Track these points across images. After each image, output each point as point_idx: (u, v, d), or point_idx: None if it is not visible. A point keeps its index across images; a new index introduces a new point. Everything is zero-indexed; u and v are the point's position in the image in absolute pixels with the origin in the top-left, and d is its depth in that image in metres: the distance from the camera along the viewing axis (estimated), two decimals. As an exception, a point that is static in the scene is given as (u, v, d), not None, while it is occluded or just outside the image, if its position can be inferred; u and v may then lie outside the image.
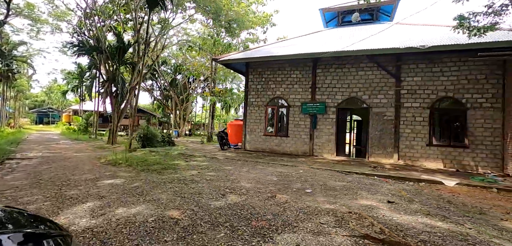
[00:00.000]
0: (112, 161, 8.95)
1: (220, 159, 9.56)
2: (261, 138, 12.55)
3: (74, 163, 8.84)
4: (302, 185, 5.86)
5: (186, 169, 7.52)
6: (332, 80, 11.36)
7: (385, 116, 10.50)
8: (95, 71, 23.06)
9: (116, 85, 16.83)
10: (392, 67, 10.44)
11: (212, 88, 25.16)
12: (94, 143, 17.83)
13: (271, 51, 12.11)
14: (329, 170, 8.06)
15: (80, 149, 13.71)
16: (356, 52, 10.13)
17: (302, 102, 11.76)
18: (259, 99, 12.68)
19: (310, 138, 11.59)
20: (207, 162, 8.83)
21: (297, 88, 11.94)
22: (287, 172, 7.34)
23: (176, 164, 8.28)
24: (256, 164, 8.75)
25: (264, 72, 12.60)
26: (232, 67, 13.54)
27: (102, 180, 6.19)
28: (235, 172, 7.07)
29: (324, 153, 11.35)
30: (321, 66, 11.55)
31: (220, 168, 7.66)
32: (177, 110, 36.93)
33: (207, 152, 11.69)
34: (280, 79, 12.28)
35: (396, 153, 10.25)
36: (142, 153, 10.68)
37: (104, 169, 7.74)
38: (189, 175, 6.63)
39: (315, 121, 11.49)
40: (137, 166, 7.95)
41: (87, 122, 26.33)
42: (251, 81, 12.88)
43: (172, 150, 12.24)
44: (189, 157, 9.78)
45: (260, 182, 5.97)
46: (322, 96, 11.49)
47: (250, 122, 12.81)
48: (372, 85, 10.72)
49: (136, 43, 16.74)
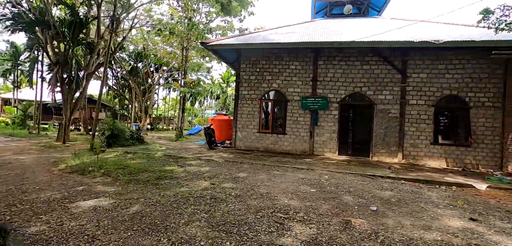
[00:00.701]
0: (77, 167, 6.78)
1: (219, 161, 7.99)
2: (255, 136, 11.19)
3: (19, 172, 6.47)
4: (354, 199, 4.74)
5: (189, 178, 5.84)
6: (334, 73, 10.51)
7: (390, 113, 10.02)
8: (37, 52, 18.89)
9: (69, 70, 13.74)
10: (398, 62, 9.97)
11: (183, 78, 22.76)
12: (38, 140, 14.46)
13: (268, 38, 10.76)
14: (350, 173, 7.12)
15: (22, 150, 10.73)
16: (365, 43, 9.38)
17: (302, 97, 10.71)
18: (252, 92, 11.26)
19: (310, 135, 10.62)
20: (207, 166, 7.19)
21: (297, 81, 10.84)
22: (313, 179, 6.18)
23: (169, 171, 6.51)
24: (265, 168, 7.41)
25: (258, 62, 11.21)
26: (221, 55, 11.85)
27: (76, 201, 4.27)
28: (256, 182, 5.65)
29: (326, 151, 10.49)
30: (323, 58, 10.61)
31: (232, 176, 6.15)
32: (138, 102, 33.23)
33: (195, 152, 9.92)
34: (277, 70, 11.03)
35: (400, 152, 9.85)
36: (115, 155, 8.50)
37: (70, 180, 5.66)
38: (202, 188, 5.02)
39: (316, 118, 10.55)
40: (117, 175, 5.99)
41: (25, 114, 21.72)
42: (243, 71, 11.38)
43: (149, 150, 10.16)
44: (179, 160, 7.99)
45: (302, 197, 4.69)
46: (324, 91, 10.58)
47: (242, 118, 11.34)
48: (377, 81, 10.14)
49: (96, 19, 13.81)
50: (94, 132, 10.98)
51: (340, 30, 11.46)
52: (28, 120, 22.15)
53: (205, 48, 10.73)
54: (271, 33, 11.58)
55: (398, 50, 9.88)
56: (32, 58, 20.56)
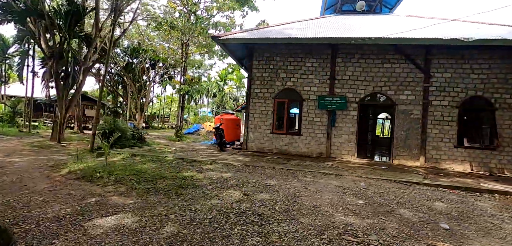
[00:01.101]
0: (82, 173, 6.02)
1: (237, 165, 7.32)
2: (268, 137, 10.56)
3: (15, 178, 5.68)
4: (412, 213, 4.17)
5: (215, 186, 5.17)
6: (354, 71, 9.97)
7: (412, 114, 9.56)
8: (27, 45, 17.71)
9: (65, 64, 12.77)
10: (421, 60, 9.51)
11: (183, 75, 21.86)
12: (31, 139, 13.46)
13: (283, 32, 10.12)
14: (382, 179, 6.58)
15: (14, 150, 9.80)
16: (389, 40, 8.86)
17: (319, 96, 10.14)
18: (265, 90, 10.61)
19: (327, 137, 10.07)
20: (227, 172, 6.52)
21: (313, 79, 10.25)
22: (350, 187, 5.59)
23: (189, 177, 5.81)
24: (290, 173, 6.79)
25: (272, 58, 10.57)
26: (230, 50, 11.13)
27: (92, 217, 3.57)
28: (293, 191, 5.02)
29: (343, 154, 9.96)
30: (341, 55, 10.05)
31: (262, 184, 5.51)
32: (133, 99, 32.06)
33: (206, 154, 9.21)
34: (292, 68, 10.42)
35: (422, 155, 9.40)
36: (121, 158, 7.73)
37: (77, 189, 4.91)
38: (236, 200, 4.37)
39: (334, 118, 10.00)
40: (132, 183, 5.27)
41: (14, 111, 20.45)
42: (255, 68, 10.71)
43: (156, 151, 9.40)
44: (194, 164, 7.28)
45: (355, 211, 4.09)
46: (342, 90, 10.04)
47: (254, 118, 10.68)
48: (398, 80, 9.66)
49: (94, 10, 12.86)
50: (94, 132, 10.12)
51: (356, 26, 10.94)
52: (17, 117, 20.89)
53: (215, 42, 10.02)
54: (285, 28, 10.94)
55: (421, 48, 9.42)
56: (22, 52, 19.29)
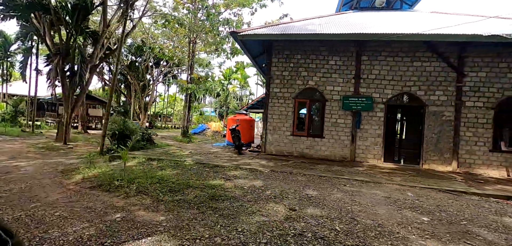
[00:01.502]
0: (98, 180, 5.43)
1: (264, 172, 6.72)
2: (288, 139, 9.96)
3: (24, 186, 5.11)
4: (496, 236, 3.58)
5: (251, 198, 4.57)
6: (380, 70, 9.38)
7: (444, 116, 8.96)
8: (30, 42, 17.10)
9: (72, 62, 12.17)
10: (454, 59, 8.92)
11: (190, 74, 21.25)
12: (35, 140, 12.87)
13: (306, 28, 9.52)
14: (426, 188, 5.99)
15: (19, 153, 9.22)
16: (421, 36, 8.26)
17: (343, 96, 9.54)
18: (285, 90, 10.02)
19: (352, 140, 9.48)
20: (257, 179, 5.92)
21: (337, 78, 9.66)
22: (400, 198, 4.99)
23: (218, 186, 5.21)
24: (324, 180, 6.19)
25: (292, 56, 9.97)
26: (247, 48, 10.51)
27: (122, 241, 2.98)
28: (342, 204, 4.42)
29: (369, 158, 9.37)
30: (367, 53, 9.46)
31: (301, 194, 4.91)
32: (137, 98, 31.45)
33: (224, 157, 8.61)
34: (314, 66, 9.82)
35: (455, 160, 8.82)
36: (137, 162, 7.13)
37: (97, 201, 4.33)
38: (283, 217, 3.77)
39: (359, 120, 9.41)
40: (157, 193, 4.68)
41: (16, 110, 19.84)
42: (275, 66, 10.11)
43: (170, 154, 8.80)
44: (218, 170, 6.67)
45: (429, 232, 3.49)
46: (368, 89, 9.44)
47: (273, 119, 10.09)
48: (429, 79, 9.06)
49: (102, 5, 12.25)
50: (104, 133, 9.52)
51: (380, 23, 10.34)
52: (19, 116, 20.28)
53: (233, 38, 9.42)
54: (307, 23, 10.34)
55: (454, 46, 8.83)
56: (26, 49, 18.68)
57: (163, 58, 24.99)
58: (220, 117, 45.91)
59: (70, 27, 11.84)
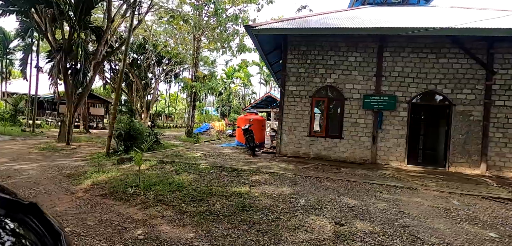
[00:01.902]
0: (109, 186, 4.91)
1: (288, 176, 6.19)
2: (304, 140, 9.44)
3: (28, 194, 4.56)
4: None
5: (287, 209, 4.05)
6: (404, 67, 8.86)
7: (471, 116, 8.45)
8: (31, 39, 16.51)
9: (75, 59, 11.61)
10: (482, 55, 8.40)
11: (194, 72, 20.70)
12: (36, 140, 12.33)
13: (324, 22, 8.99)
14: (468, 195, 5.47)
15: (21, 154, 8.69)
16: (450, 30, 7.75)
17: (364, 95, 9.02)
18: (301, 88, 9.49)
19: (373, 141, 8.96)
20: (283, 185, 5.39)
21: (357, 76, 9.14)
22: (446, 207, 4.47)
23: (243, 194, 4.69)
24: (355, 186, 5.67)
25: (310, 52, 9.43)
26: (260, 43, 9.94)
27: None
28: (391, 216, 3.90)
29: (391, 160, 8.86)
30: (389, 49, 8.93)
31: (339, 203, 4.39)
32: (139, 97, 30.86)
33: (239, 159, 8.08)
34: (333, 63, 9.29)
35: (484, 162, 8.31)
36: (149, 165, 6.60)
37: (111, 213, 3.81)
38: (333, 234, 3.25)
39: (381, 120, 8.90)
40: (178, 203, 4.16)
41: (16, 109, 19.25)
42: (290, 63, 9.58)
43: (182, 156, 8.27)
44: (238, 174, 6.14)
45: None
46: (390, 88, 8.92)
47: (288, 119, 9.56)
48: (456, 77, 8.55)
49: (106, 0, 11.69)
50: (110, 133, 8.99)
51: (401, 18, 9.82)
52: (19, 115, 19.70)
53: (248, 33, 8.88)
54: (325, 17, 9.81)
55: (482, 42, 8.31)
56: (26, 46, 18.09)
57: (166, 55, 24.36)
58: (222, 116, 45.41)
59: (73, 22, 11.28)
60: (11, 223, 0.50)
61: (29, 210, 0.55)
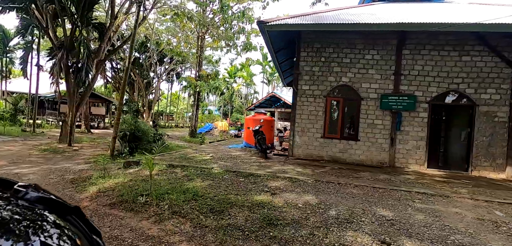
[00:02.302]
0: (118, 194, 4.46)
1: (307, 181, 5.75)
2: (318, 142, 9.00)
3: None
4: None
5: (319, 223, 3.61)
6: (424, 65, 8.41)
7: (496, 117, 8.01)
8: (31, 36, 16.07)
9: (77, 56, 11.17)
10: (508, 52, 7.96)
11: (198, 71, 20.26)
12: (37, 141, 11.89)
13: (340, 18, 8.53)
14: (506, 203, 5.03)
15: (21, 156, 8.26)
16: (478, 26, 7.29)
17: (381, 94, 8.58)
18: (315, 87, 9.05)
19: (391, 143, 8.52)
20: (305, 193, 4.95)
21: (374, 75, 8.69)
22: (495, 219, 4.03)
23: (266, 204, 4.25)
24: (380, 193, 5.23)
25: (324, 49, 8.99)
26: (271, 40, 9.46)
27: None
28: (435, 232, 3.46)
29: (410, 163, 8.42)
30: (409, 46, 8.48)
31: (373, 214, 3.95)
32: (141, 96, 30.43)
33: (250, 162, 7.64)
34: (349, 61, 8.85)
35: (509, 166, 7.87)
36: (157, 170, 6.15)
37: (121, 225, 3.38)
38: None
39: (400, 121, 8.46)
40: (196, 215, 3.73)
41: (16, 108, 18.82)
42: (303, 61, 9.14)
43: (191, 159, 7.83)
44: (254, 180, 5.70)
45: None
46: (410, 87, 8.48)
47: (301, 119, 9.12)
48: (480, 76, 8.10)
49: (110, -5, 11.25)
50: (115, 135, 8.56)
51: (420, 14, 9.35)
52: (19, 115, 19.26)
53: (260, 29, 8.43)
54: (340, 13, 9.34)
55: (507, 39, 7.87)
56: (26, 43, 17.65)
57: (169, 53, 23.89)
58: (224, 116, 44.94)
59: (75, 18, 10.84)
60: (63, 222, 0.58)
61: (73, 212, 0.63)
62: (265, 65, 42.83)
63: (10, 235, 0.47)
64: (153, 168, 4.70)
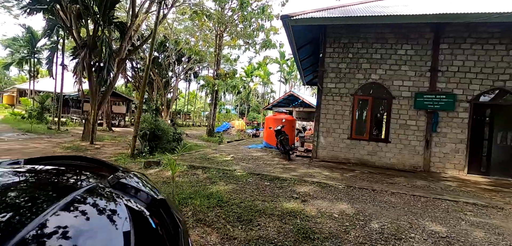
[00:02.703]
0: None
1: (338, 187, 5.27)
2: (344, 143, 8.46)
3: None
4: None
5: (363, 237, 3.16)
6: (465, 61, 7.65)
7: (551, 118, 7.13)
8: (57, 36, 16.55)
9: (99, 55, 11.26)
10: None
11: (216, 70, 20.11)
12: (61, 139, 12.13)
13: (371, 10, 7.93)
14: None
15: (45, 154, 8.28)
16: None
17: (416, 93, 7.90)
18: (342, 85, 8.51)
19: (426, 145, 7.83)
20: (340, 201, 4.50)
21: (407, 71, 8.03)
22: None
23: (298, 213, 3.85)
24: (423, 202, 4.67)
25: (351, 45, 8.43)
26: (295, 36, 9.01)
27: None
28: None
29: (448, 168, 7.70)
30: (447, 40, 7.75)
31: (423, 229, 3.44)
32: (159, 95, 30.85)
33: (273, 163, 7.26)
34: (379, 56, 8.23)
35: None
36: (178, 172, 5.90)
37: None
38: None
39: (436, 121, 7.75)
40: (221, 222, 3.39)
41: (43, 107, 19.52)
42: (329, 57, 8.62)
43: (211, 160, 7.56)
44: (279, 184, 5.31)
45: None
46: (448, 85, 7.74)
47: (326, 119, 8.62)
48: (531, 72, 7.25)
49: (130, -7, 11.25)
50: (135, 134, 8.46)
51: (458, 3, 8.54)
52: (45, 113, 19.99)
53: (284, 23, 8.01)
54: (369, 5, 8.73)
55: None
56: (52, 44, 18.26)
57: (188, 52, 23.95)
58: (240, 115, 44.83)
59: (98, 17, 10.92)
60: (151, 209, 0.64)
61: (161, 203, 0.67)
62: (283, 63, 42.25)
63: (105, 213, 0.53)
64: (175, 170, 4.42)
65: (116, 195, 0.61)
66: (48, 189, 0.58)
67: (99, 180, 0.65)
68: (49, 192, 0.57)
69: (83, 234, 0.48)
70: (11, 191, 0.56)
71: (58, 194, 0.55)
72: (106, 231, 0.51)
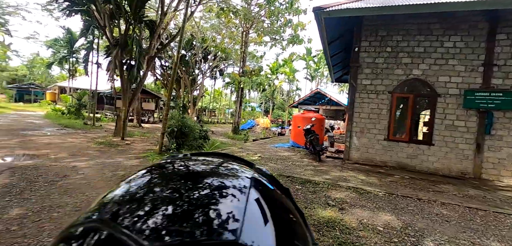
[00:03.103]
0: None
1: (378, 194, 4.76)
2: (380, 145, 7.81)
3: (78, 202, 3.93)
4: None
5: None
6: (527, 53, 6.65)
7: None
8: (92, 36, 17.41)
9: (130, 53, 11.55)
10: None
11: (242, 67, 19.99)
12: (95, 134, 12.66)
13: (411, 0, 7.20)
14: None
15: (80, 149, 8.64)
16: None
17: (465, 90, 7.04)
18: (378, 82, 7.85)
19: (477, 149, 6.95)
20: (384, 210, 4.02)
21: (455, 66, 7.18)
22: None
23: (336, 223, 3.45)
24: (483, 218, 4.03)
25: (390, 37, 7.73)
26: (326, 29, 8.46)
27: None
28: None
29: (504, 175, 6.77)
30: (506, 29, 6.79)
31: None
32: (186, 93, 31.54)
33: (302, 164, 6.86)
34: (422, 50, 7.46)
35: None
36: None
37: None
38: None
39: (491, 122, 6.84)
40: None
41: (80, 103, 20.73)
42: (364, 51, 8.00)
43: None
44: (312, 189, 4.91)
45: None
46: (506, 81, 6.79)
47: (360, 119, 8.02)
48: None
49: (159, -9, 11.38)
50: (163, 130, 8.50)
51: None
52: (82, 109, 21.23)
53: (316, 16, 7.54)
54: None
55: None
56: (88, 43, 19.28)
57: (215, 49, 24.12)
58: (265, 113, 44.55)
59: (129, 16, 11.18)
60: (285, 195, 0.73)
61: (286, 192, 0.74)
62: (309, 60, 41.21)
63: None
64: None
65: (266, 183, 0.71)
66: (234, 172, 0.72)
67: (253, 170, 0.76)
68: (236, 174, 0.70)
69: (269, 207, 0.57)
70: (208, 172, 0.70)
71: (241, 177, 0.68)
72: (281, 207, 0.65)
